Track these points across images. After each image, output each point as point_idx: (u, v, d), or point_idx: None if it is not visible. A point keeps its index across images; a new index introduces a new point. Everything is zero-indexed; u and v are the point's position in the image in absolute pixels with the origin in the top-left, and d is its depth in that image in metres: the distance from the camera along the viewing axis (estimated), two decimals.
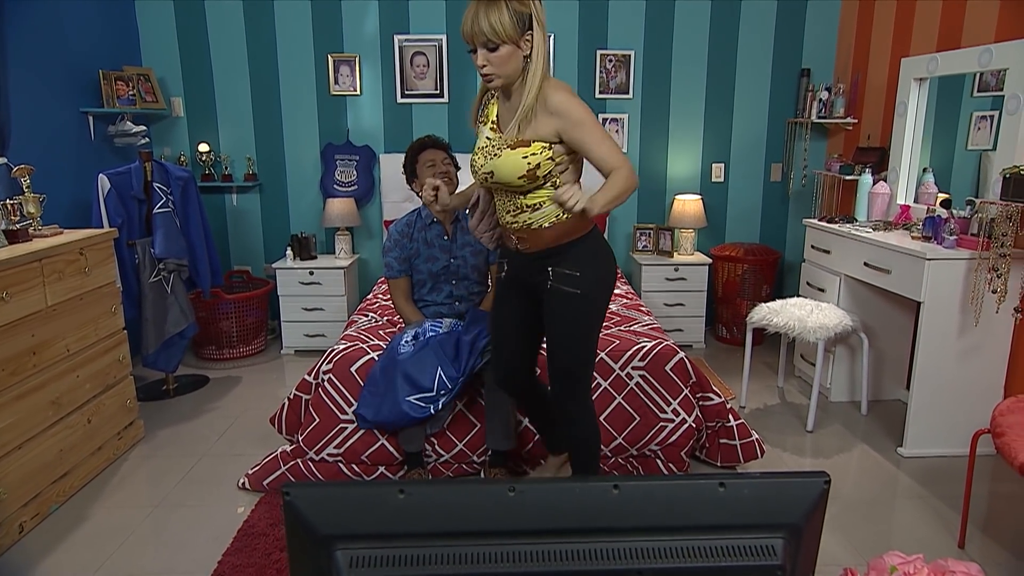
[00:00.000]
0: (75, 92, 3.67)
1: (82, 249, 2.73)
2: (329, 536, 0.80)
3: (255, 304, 4.24)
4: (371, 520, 0.81)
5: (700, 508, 0.83)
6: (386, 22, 4.29)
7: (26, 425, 2.42)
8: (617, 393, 2.64)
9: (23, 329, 2.40)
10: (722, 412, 2.69)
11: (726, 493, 0.82)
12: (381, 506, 0.81)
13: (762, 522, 0.82)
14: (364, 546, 0.81)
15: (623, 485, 0.83)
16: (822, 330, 3.11)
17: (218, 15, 4.27)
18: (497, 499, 0.82)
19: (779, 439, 3.15)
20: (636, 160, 4.51)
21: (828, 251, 3.51)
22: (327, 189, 4.43)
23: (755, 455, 2.73)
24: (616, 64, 4.38)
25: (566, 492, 0.83)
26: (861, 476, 2.84)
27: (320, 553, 0.81)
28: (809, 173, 4.44)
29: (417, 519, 0.82)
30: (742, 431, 2.71)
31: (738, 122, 4.50)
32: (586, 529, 0.82)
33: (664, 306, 4.27)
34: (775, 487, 0.83)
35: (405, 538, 0.81)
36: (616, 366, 2.64)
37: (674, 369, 2.65)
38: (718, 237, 4.64)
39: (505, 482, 0.83)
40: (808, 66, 4.40)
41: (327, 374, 2.64)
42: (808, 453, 3.04)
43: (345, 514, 0.81)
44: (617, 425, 2.63)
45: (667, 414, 2.63)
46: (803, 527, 0.82)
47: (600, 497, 0.83)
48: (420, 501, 0.82)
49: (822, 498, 0.83)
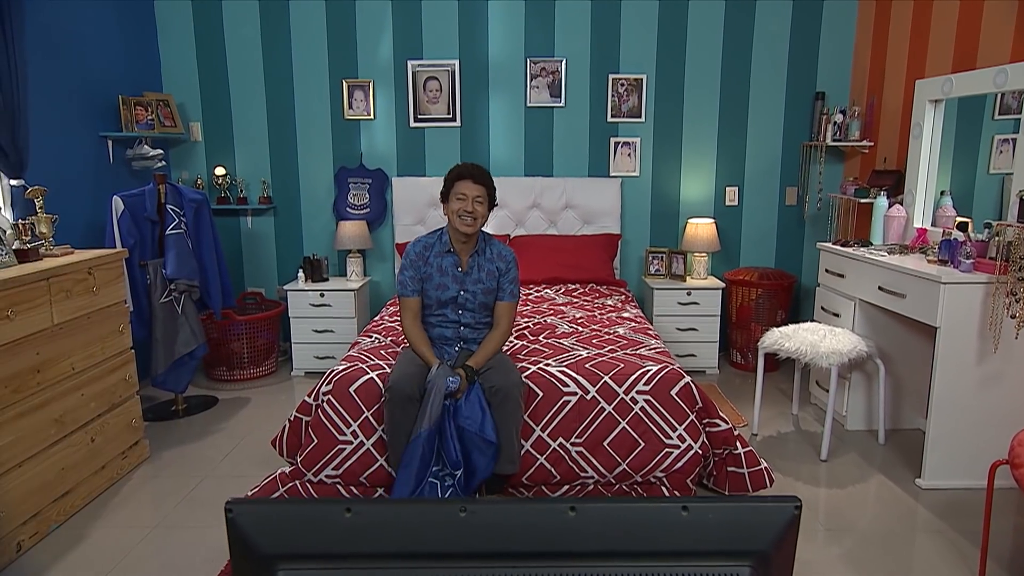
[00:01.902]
0: (95, 117, 3.76)
1: (90, 268, 2.77)
2: (271, 556, 0.78)
3: (266, 326, 4.26)
4: (316, 540, 0.78)
5: (662, 533, 0.78)
6: (400, 48, 4.35)
7: (28, 443, 2.43)
8: (621, 418, 2.58)
9: (28, 347, 2.43)
10: (729, 439, 2.61)
11: (690, 517, 0.78)
12: (327, 525, 0.78)
13: (728, 549, 0.78)
14: (307, 567, 0.78)
15: (580, 507, 0.79)
16: (835, 355, 3.03)
17: (237, 43, 4.36)
18: (448, 519, 0.79)
19: (791, 468, 3.05)
20: (648, 184, 4.49)
21: (842, 275, 3.44)
22: (340, 212, 4.46)
23: (764, 484, 2.64)
24: (628, 88, 4.38)
25: (520, 513, 0.80)
26: (877, 508, 2.73)
27: (262, 573, 0.78)
28: (824, 197, 4.37)
29: (364, 539, 0.78)
30: (750, 459, 2.63)
31: (752, 145, 4.46)
32: (541, 553, 0.78)
33: (676, 331, 4.21)
34: (742, 512, 0.79)
35: (351, 559, 0.78)
36: (620, 390, 2.59)
37: (679, 394, 2.59)
38: (732, 261, 4.57)
39: (456, 502, 0.80)
40: (823, 89, 4.36)
41: (327, 395, 2.62)
42: (822, 483, 2.94)
43: (289, 533, 0.78)
44: (621, 451, 2.57)
45: (672, 440, 2.57)
46: (772, 555, 0.77)
47: (556, 519, 0.79)
48: (367, 521, 0.79)
49: (792, 524, 0.78)
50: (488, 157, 4.46)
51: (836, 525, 2.59)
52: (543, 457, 2.58)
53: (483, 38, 4.32)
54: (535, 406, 2.59)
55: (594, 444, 2.58)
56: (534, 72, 4.36)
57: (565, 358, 2.75)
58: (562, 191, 4.38)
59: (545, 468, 2.58)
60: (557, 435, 2.58)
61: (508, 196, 4.36)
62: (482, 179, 2.68)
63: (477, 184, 2.66)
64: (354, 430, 2.58)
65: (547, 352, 2.84)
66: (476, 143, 4.45)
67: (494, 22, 4.31)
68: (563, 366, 2.67)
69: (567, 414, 2.58)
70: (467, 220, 2.64)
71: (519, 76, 4.37)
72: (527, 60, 4.34)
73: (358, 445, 2.57)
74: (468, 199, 2.64)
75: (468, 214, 2.64)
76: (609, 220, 4.39)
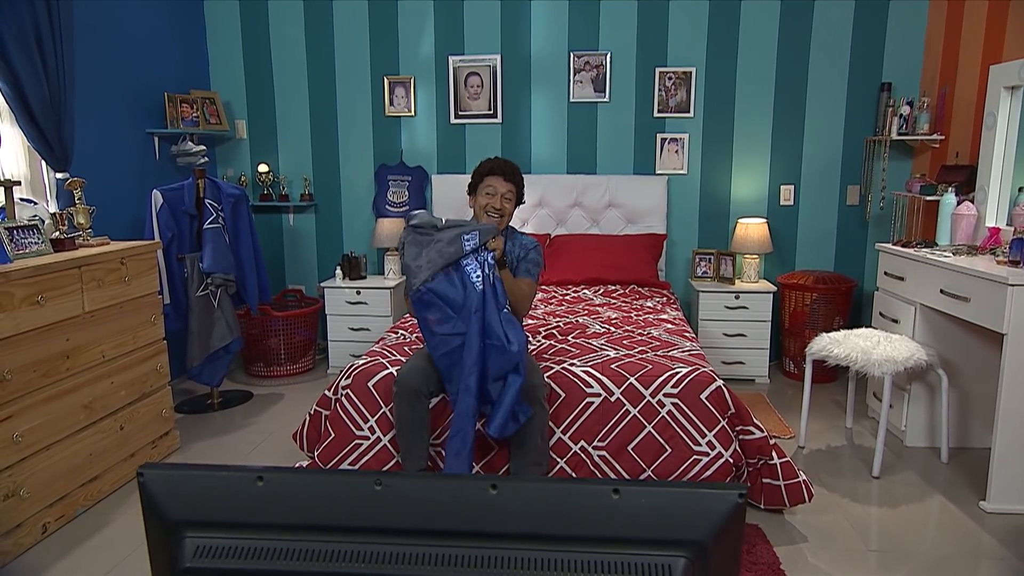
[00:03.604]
0: (142, 114, 3.93)
1: (123, 259, 2.88)
2: (179, 522, 0.77)
3: (303, 322, 4.35)
4: (225, 507, 0.77)
5: (590, 517, 0.73)
6: (441, 43, 4.39)
7: (57, 427, 2.54)
8: (647, 421, 2.50)
9: (58, 333, 2.54)
10: (764, 448, 2.49)
11: (620, 501, 0.73)
12: (237, 493, 0.77)
13: (660, 537, 0.72)
14: (214, 535, 0.76)
15: (503, 485, 0.75)
16: (889, 363, 2.85)
17: (282, 42, 4.49)
18: (363, 492, 0.76)
19: (838, 483, 2.89)
20: (697, 182, 4.37)
21: (902, 278, 3.24)
22: (379, 209, 4.52)
23: (802, 498, 2.50)
24: (676, 82, 4.28)
25: (439, 489, 0.76)
26: (935, 531, 2.55)
27: (171, 539, 0.77)
28: (888, 195, 4.15)
29: (274, 509, 0.76)
30: (787, 470, 2.49)
31: (810, 141, 4.28)
32: (458, 532, 0.75)
33: (723, 336, 4.06)
34: (678, 498, 0.73)
35: (259, 529, 0.76)
36: (647, 392, 2.51)
37: (710, 398, 2.48)
38: (787, 264, 4.39)
39: (372, 474, 0.77)
40: (889, 79, 4.15)
41: (345, 389, 2.64)
42: (873, 501, 2.77)
43: (198, 500, 0.77)
44: (646, 456, 2.49)
45: (701, 447, 2.46)
46: (710, 546, 0.71)
47: (476, 497, 0.75)
48: (279, 490, 0.77)
49: (735, 515, 0.72)
50: (529, 154, 4.43)
51: (888, 548, 2.43)
52: (563, 460, 2.53)
53: (525, 32, 4.31)
54: (556, 407, 2.53)
55: (618, 448, 2.50)
56: (577, 66, 4.32)
57: (591, 358, 2.68)
58: (605, 189, 4.31)
59: (565, 472, 2.52)
60: (579, 438, 2.52)
61: (549, 194, 4.33)
62: (512, 176, 2.69)
63: (507, 181, 2.67)
64: (371, 425, 2.59)
65: (574, 352, 2.78)
66: (517, 140, 4.44)
67: (536, 15, 4.29)
68: (588, 366, 2.60)
69: (590, 416, 2.52)
70: (494, 216, 2.64)
71: (562, 71, 4.33)
72: (570, 54, 4.30)
73: (375, 441, 2.58)
74: (497, 195, 2.66)
75: (496, 210, 2.64)
76: (654, 220, 4.29)
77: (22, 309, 2.37)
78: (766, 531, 2.48)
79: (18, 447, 2.36)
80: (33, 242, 2.58)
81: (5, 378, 2.29)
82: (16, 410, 2.35)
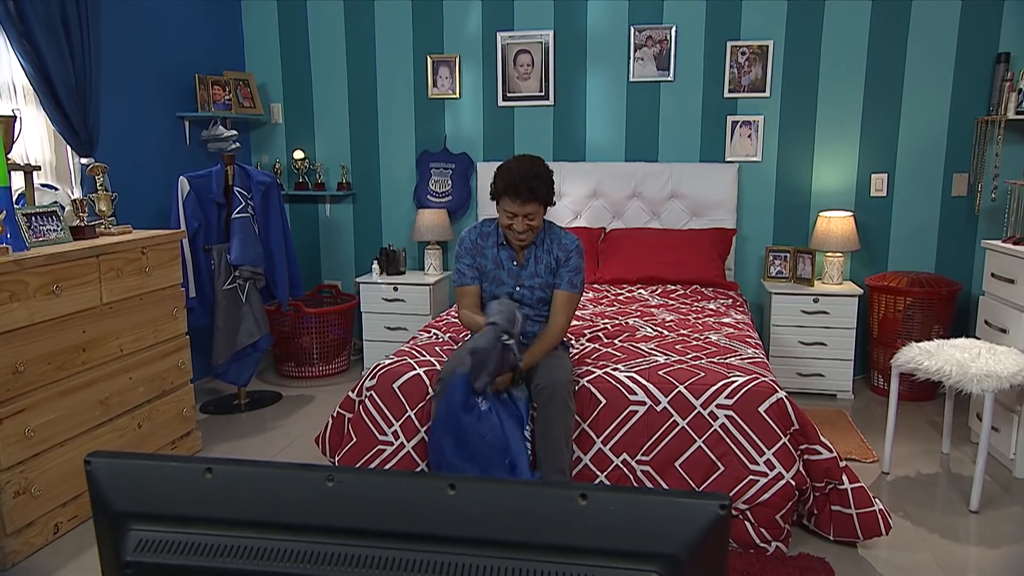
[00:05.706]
0: (172, 97, 4.11)
1: (144, 248, 3.02)
2: (124, 513, 0.80)
3: (337, 320, 4.45)
4: (171, 500, 0.80)
5: (555, 524, 0.73)
6: (489, 18, 4.42)
7: (71, 423, 2.68)
8: (697, 435, 2.46)
9: (74, 324, 2.68)
10: (833, 471, 2.40)
11: (588, 507, 0.72)
12: (184, 485, 0.80)
13: (630, 549, 0.71)
14: (160, 528, 0.79)
15: (461, 485, 0.75)
16: (990, 379, 2.71)
17: (319, 18, 4.62)
18: (313, 489, 0.78)
19: (928, 516, 2.76)
20: (773, 170, 4.26)
21: (1012, 280, 3.08)
22: (420, 199, 4.59)
23: (878, 531, 2.40)
24: (750, 57, 4.18)
25: (394, 487, 0.77)
26: None
27: (115, 531, 0.80)
28: (1002, 184, 3.94)
29: (221, 503, 0.79)
30: (859, 498, 2.40)
31: (908, 123, 4.11)
32: (413, 534, 0.76)
33: (800, 345, 3.95)
34: (652, 506, 0.72)
35: (204, 523, 0.79)
36: (697, 402, 2.46)
37: (770, 411, 2.42)
38: (878, 264, 4.23)
39: (324, 468, 0.78)
40: (1007, 50, 3.94)
41: (370, 391, 2.69)
42: (969, 539, 2.64)
43: (144, 490, 0.80)
44: (695, 474, 2.44)
45: (759, 466, 2.40)
46: (684, 561, 0.70)
47: (434, 497, 0.76)
48: (228, 484, 0.79)
49: (716, 528, 0.70)
50: (584, 139, 4.42)
51: None
52: (604, 474, 2.51)
53: (581, 5, 4.29)
54: (596, 415, 2.52)
55: (664, 464, 2.47)
56: (639, 42, 4.27)
57: (637, 363, 2.66)
58: (668, 178, 4.25)
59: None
60: (621, 450, 2.50)
61: (605, 184, 4.30)
62: (531, 196, 2.54)
63: (526, 204, 2.55)
64: (395, 430, 2.64)
65: (619, 356, 2.76)
66: (571, 124, 4.43)
67: None
68: (632, 371, 2.58)
69: (633, 426, 2.49)
70: (517, 237, 2.64)
71: (621, 47, 4.30)
72: (631, 28, 4.26)
73: (398, 447, 2.62)
74: (516, 219, 2.59)
75: (519, 234, 2.63)
76: (723, 212, 4.21)
77: (37, 298, 2.51)
78: (835, 567, 2.39)
79: (31, 442, 2.50)
80: (51, 229, 2.74)
81: (18, 370, 2.44)
82: (29, 403, 2.50)
